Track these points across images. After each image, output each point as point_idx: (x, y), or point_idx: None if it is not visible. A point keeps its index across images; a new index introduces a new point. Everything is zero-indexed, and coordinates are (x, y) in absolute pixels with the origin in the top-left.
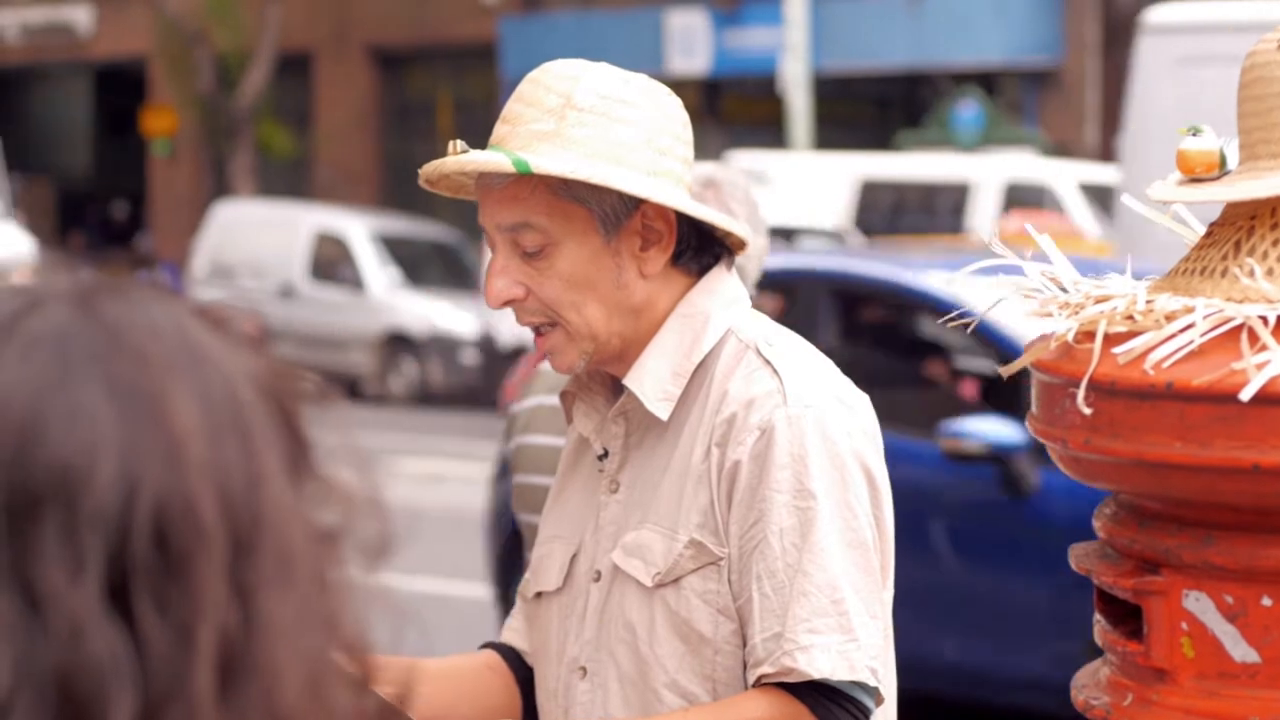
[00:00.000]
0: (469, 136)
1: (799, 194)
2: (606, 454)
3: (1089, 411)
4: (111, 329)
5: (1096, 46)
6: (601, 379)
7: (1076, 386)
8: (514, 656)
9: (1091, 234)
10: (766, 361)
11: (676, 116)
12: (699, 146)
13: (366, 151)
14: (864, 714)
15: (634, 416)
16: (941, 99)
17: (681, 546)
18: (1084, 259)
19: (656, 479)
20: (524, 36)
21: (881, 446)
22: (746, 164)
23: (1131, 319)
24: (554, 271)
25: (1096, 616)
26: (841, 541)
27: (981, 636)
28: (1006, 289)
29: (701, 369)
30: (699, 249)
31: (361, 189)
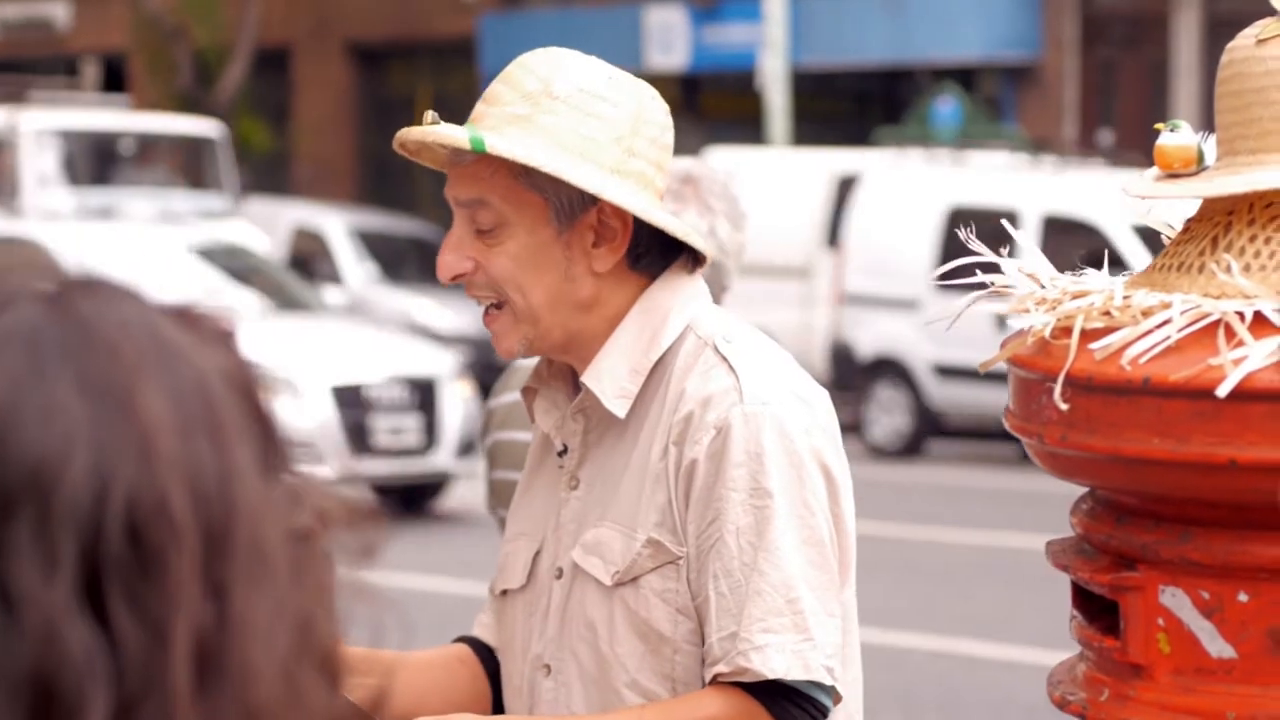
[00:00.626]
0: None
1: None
2: (566, 450)
3: (1066, 407)
4: (83, 326)
5: (1075, 43)
6: (562, 375)
7: (1053, 382)
8: (484, 650)
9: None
10: (724, 359)
11: (656, 120)
12: (677, 143)
13: (345, 147)
14: (821, 713)
15: (592, 413)
16: (920, 95)
17: (640, 545)
18: None
19: (616, 477)
20: (503, 33)
21: (840, 443)
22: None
23: (1108, 314)
24: (502, 251)
25: (1073, 612)
26: (798, 539)
27: None
28: (985, 285)
29: (660, 366)
30: (661, 253)
31: (340, 185)
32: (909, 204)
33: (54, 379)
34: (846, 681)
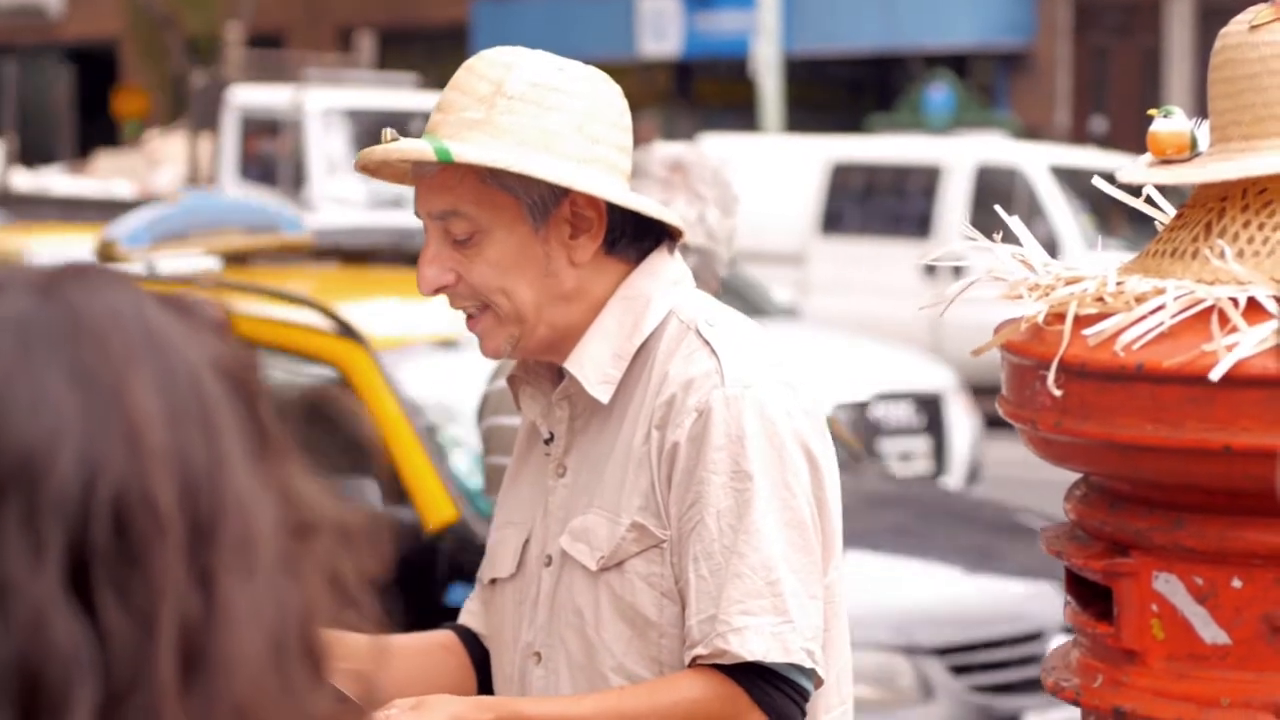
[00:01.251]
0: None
1: (769, 177)
2: (552, 438)
3: (1059, 393)
4: (73, 315)
5: (1068, 29)
6: (548, 363)
7: (1047, 368)
8: (471, 638)
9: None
10: (706, 342)
11: (612, 104)
12: (671, 130)
13: None
14: (802, 696)
15: (577, 400)
16: (913, 82)
17: (624, 530)
18: None
19: (601, 463)
20: (496, 20)
21: (825, 426)
22: (715, 147)
23: (1102, 300)
24: (482, 258)
25: (1066, 598)
26: (779, 522)
27: None
28: (977, 272)
29: (643, 351)
30: (636, 235)
31: None
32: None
33: (44, 368)
34: (833, 665)
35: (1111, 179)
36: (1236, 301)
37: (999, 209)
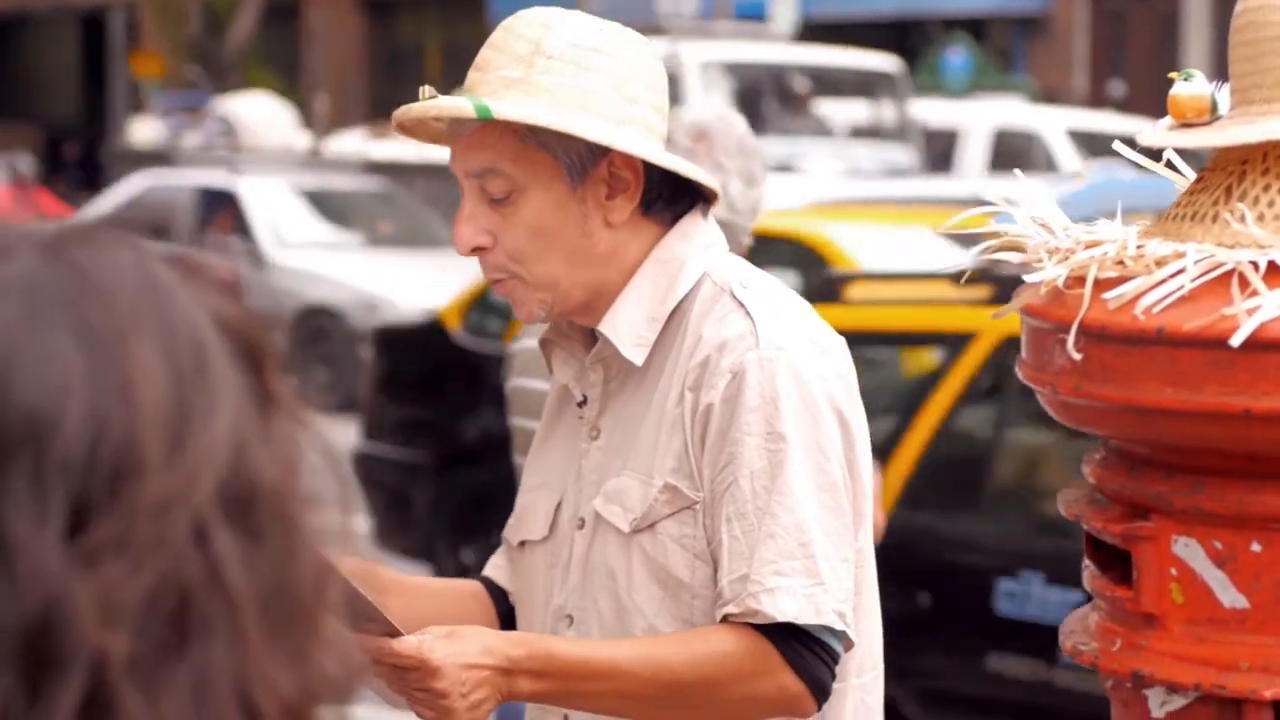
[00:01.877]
0: (457, 83)
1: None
2: (586, 401)
3: (1079, 357)
4: (79, 274)
5: None
6: (580, 326)
7: (1066, 332)
8: (498, 592)
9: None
10: (740, 304)
11: (649, 65)
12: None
13: (357, 95)
14: (832, 657)
15: (611, 363)
16: (930, 46)
17: (656, 491)
18: None
19: (635, 425)
20: None
21: (856, 390)
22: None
23: (1122, 264)
24: (519, 218)
25: (1085, 562)
26: (812, 484)
27: None
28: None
29: (677, 313)
30: (671, 198)
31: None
32: None
33: (50, 328)
34: (863, 630)
35: (1131, 143)
36: (1257, 265)
37: (1017, 173)
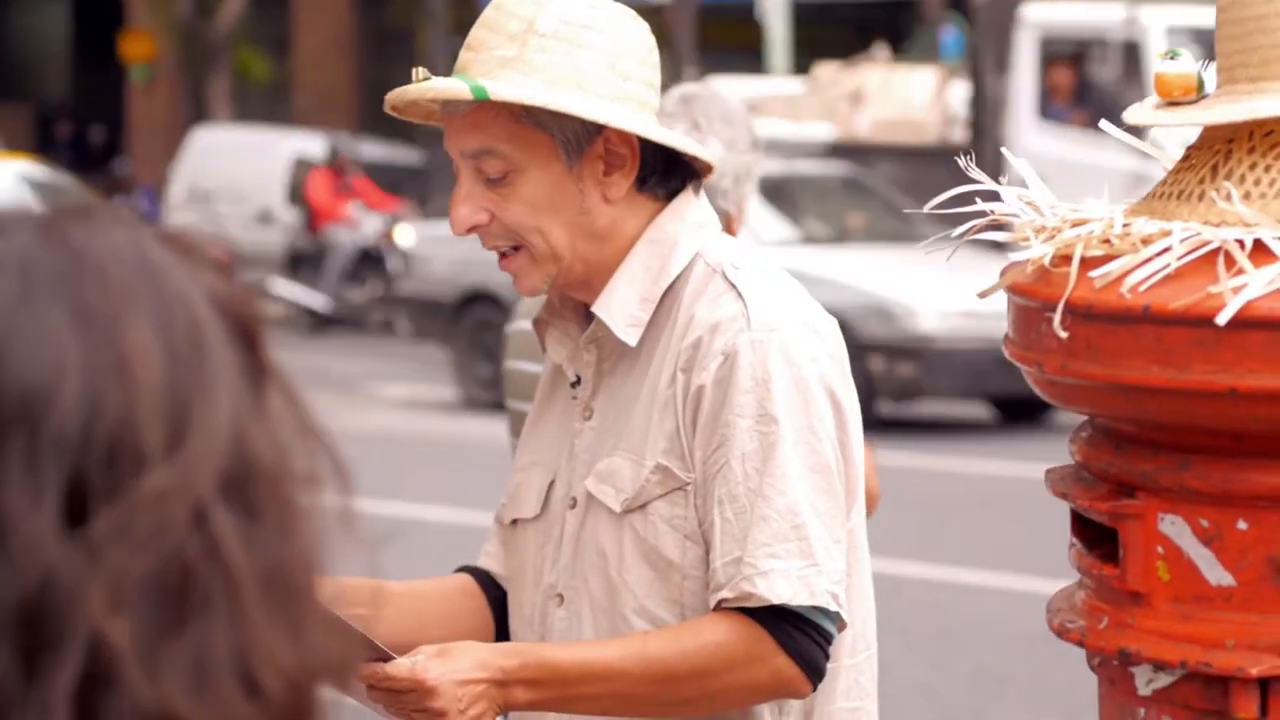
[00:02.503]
0: (448, 62)
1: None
2: (580, 381)
3: (1065, 335)
4: (75, 254)
5: None
6: (573, 306)
7: (1053, 310)
8: (488, 580)
9: None
10: (732, 285)
11: (642, 41)
12: (679, 73)
13: (345, 77)
14: (826, 639)
15: (605, 343)
16: (922, 25)
17: (648, 472)
18: None
19: (628, 405)
20: None
21: (849, 371)
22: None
23: (1108, 242)
24: (517, 198)
25: (1072, 540)
26: (804, 466)
27: None
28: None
29: (670, 294)
30: (666, 173)
31: (340, 114)
32: None
33: (45, 307)
34: (855, 611)
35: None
36: (1243, 243)
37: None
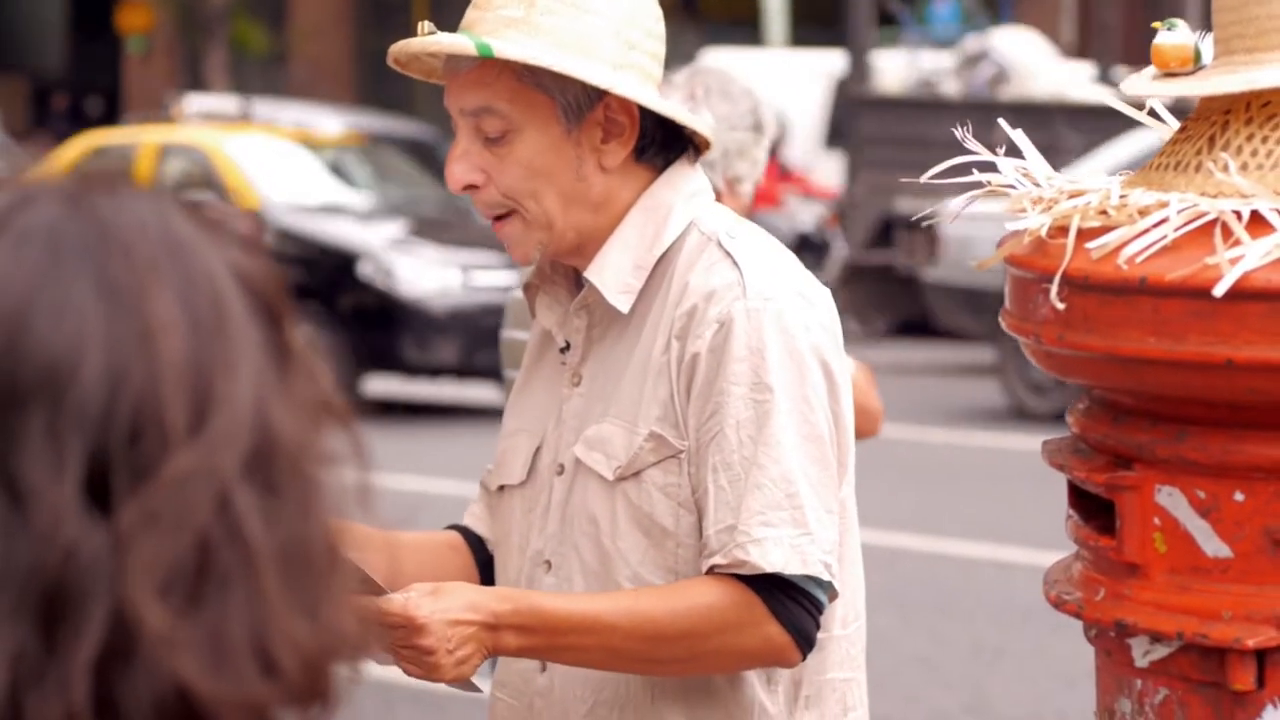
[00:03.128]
0: (441, 29)
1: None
2: (569, 347)
3: (1062, 307)
4: (101, 226)
5: None
6: (564, 271)
7: (1050, 282)
8: (475, 540)
9: None
10: (727, 254)
11: (649, 12)
12: (675, 44)
13: (342, 48)
14: (817, 608)
15: (596, 309)
16: None
17: (642, 439)
18: None
19: (618, 372)
20: None
21: (841, 341)
22: (720, 62)
23: (1105, 214)
24: (514, 158)
25: (1069, 511)
26: (798, 435)
27: None
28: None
29: (663, 262)
30: (665, 145)
31: (337, 86)
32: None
33: (71, 278)
34: (846, 582)
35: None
36: (1240, 215)
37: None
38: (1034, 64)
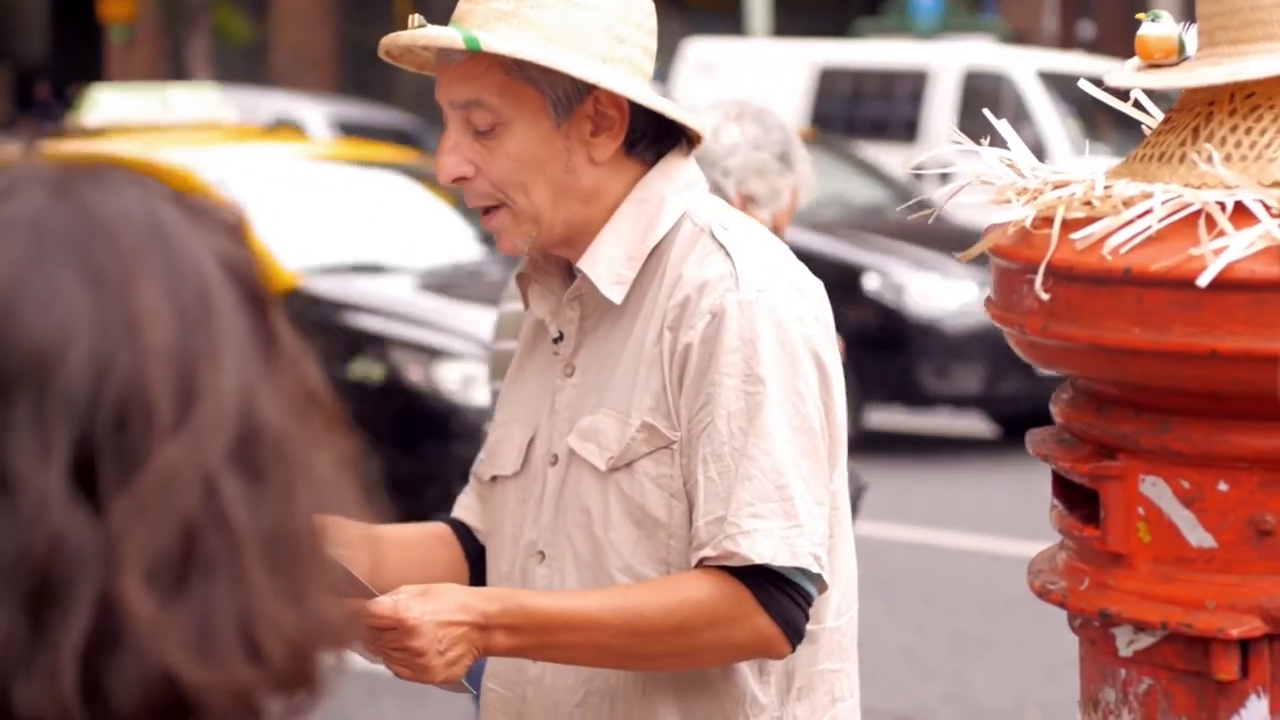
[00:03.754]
0: (428, 21)
1: (757, 81)
2: (562, 337)
3: (1047, 297)
4: (86, 214)
5: None
6: (557, 261)
7: (1034, 272)
8: (465, 532)
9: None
10: (720, 245)
11: (640, 6)
12: (658, 34)
13: (324, 37)
14: (806, 600)
15: (588, 300)
16: None
17: (634, 430)
18: None
19: (611, 363)
20: None
21: (834, 333)
22: (702, 51)
23: (1089, 204)
24: (503, 151)
25: (1053, 501)
26: (789, 427)
27: None
28: (965, 175)
29: (657, 253)
30: (656, 138)
31: (319, 75)
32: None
33: (56, 266)
34: (838, 573)
35: (1099, 84)
36: (1224, 205)
37: (987, 113)
38: None
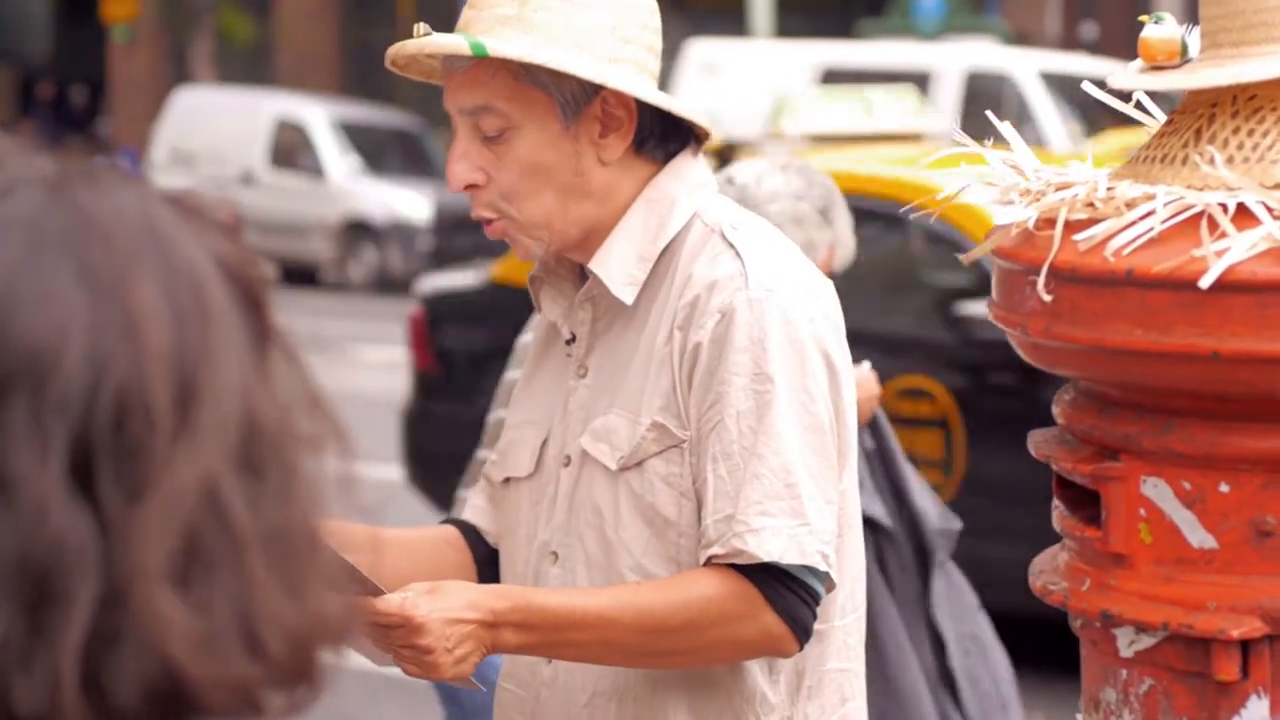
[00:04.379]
0: (430, 24)
1: (759, 82)
2: (574, 339)
3: (1049, 298)
4: (81, 214)
5: None
6: (568, 264)
7: (1037, 273)
8: (474, 535)
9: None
10: (730, 245)
11: (644, 5)
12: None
13: (327, 38)
14: (814, 598)
15: (600, 301)
16: None
17: (644, 429)
18: None
19: (623, 363)
20: None
21: (844, 332)
22: (702, 52)
23: (1092, 206)
24: (513, 156)
25: (1055, 502)
26: (798, 426)
27: None
28: (969, 176)
29: (667, 253)
30: (664, 137)
31: (322, 76)
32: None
33: (52, 267)
34: (845, 572)
35: (1102, 85)
36: (1226, 207)
37: (990, 114)
38: None
